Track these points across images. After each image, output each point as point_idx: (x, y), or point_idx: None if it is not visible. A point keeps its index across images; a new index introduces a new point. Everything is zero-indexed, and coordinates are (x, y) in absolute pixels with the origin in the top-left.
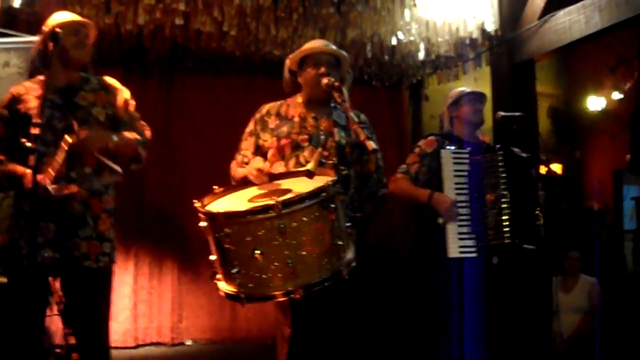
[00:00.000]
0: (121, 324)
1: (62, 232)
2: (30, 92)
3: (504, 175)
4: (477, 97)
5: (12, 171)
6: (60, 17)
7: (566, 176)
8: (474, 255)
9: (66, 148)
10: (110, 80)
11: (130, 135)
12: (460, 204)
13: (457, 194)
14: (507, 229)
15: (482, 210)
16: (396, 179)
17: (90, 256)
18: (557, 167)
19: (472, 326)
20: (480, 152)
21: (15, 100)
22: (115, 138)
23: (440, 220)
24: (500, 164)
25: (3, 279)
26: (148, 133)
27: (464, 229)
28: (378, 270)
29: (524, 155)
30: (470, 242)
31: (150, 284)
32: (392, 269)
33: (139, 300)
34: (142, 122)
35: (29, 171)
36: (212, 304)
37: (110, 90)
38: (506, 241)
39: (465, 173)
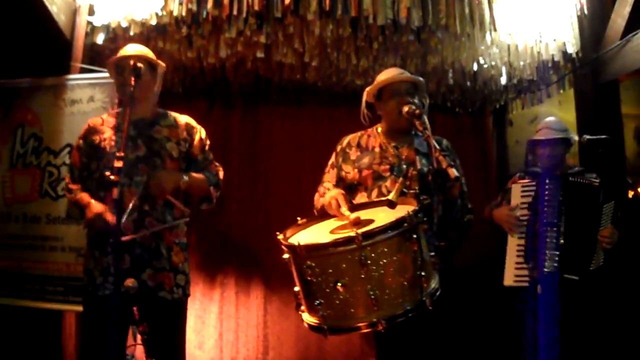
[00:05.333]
0: (207, 352)
1: (137, 263)
2: (106, 124)
3: (555, 205)
4: (549, 143)
5: (79, 200)
6: (122, 52)
7: None
8: (525, 284)
9: (137, 198)
10: (186, 118)
11: (201, 175)
12: (521, 234)
13: (521, 224)
14: (547, 258)
15: (541, 240)
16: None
17: (165, 287)
18: None
19: (548, 350)
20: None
21: (91, 131)
22: (185, 178)
23: None
24: (544, 193)
25: (78, 308)
26: (221, 174)
27: (520, 259)
28: (464, 298)
29: (585, 181)
30: (524, 272)
31: (237, 313)
32: (477, 295)
33: (224, 329)
34: (216, 163)
35: (93, 202)
36: (299, 333)
37: (186, 129)
38: (550, 270)
39: (527, 205)
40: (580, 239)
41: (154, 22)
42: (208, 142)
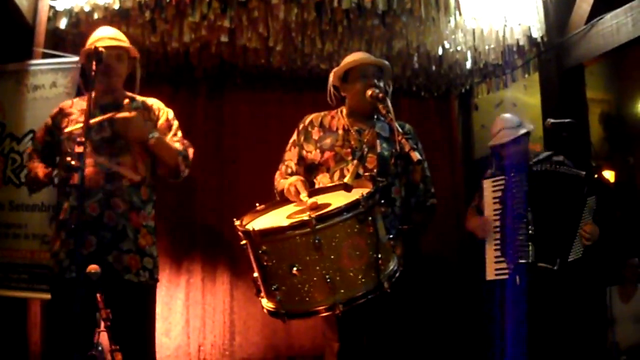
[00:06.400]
0: (174, 339)
1: (103, 245)
2: (75, 107)
3: (521, 195)
4: (513, 143)
5: (31, 167)
6: (94, 36)
7: (619, 183)
8: (505, 277)
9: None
10: (154, 101)
11: (172, 143)
12: (496, 229)
13: (494, 220)
14: (521, 249)
15: (512, 231)
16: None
17: (131, 269)
18: (610, 175)
19: (514, 345)
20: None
21: (61, 112)
22: (155, 134)
23: None
24: (517, 185)
25: (47, 296)
26: (191, 151)
27: (498, 252)
28: (429, 282)
29: (571, 172)
30: (503, 265)
31: (204, 299)
32: (443, 280)
33: (191, 316)
34: (186, 142)
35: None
36: (265, 319)
37: (152, 110)
38: (525, 260)
39: (498, 199)
40: (557, 227)
41: (117, 6)
42: (176, 122)
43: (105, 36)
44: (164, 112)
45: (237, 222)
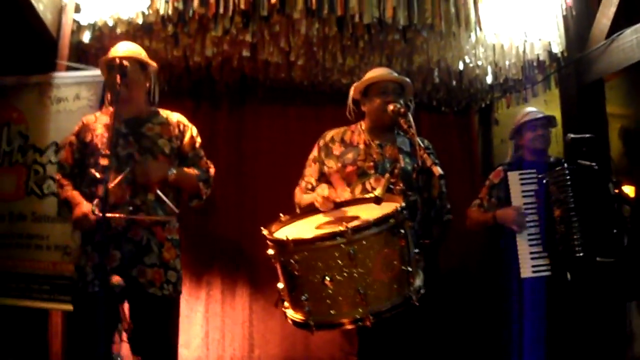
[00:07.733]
0: (193, 351)
1: (127, 260)
2: (99, 122)
3: (570, 188)
4: (538, 123)
5: (70, 198)
6: (113, 51)
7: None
8: (547, 273)
9: (122, 176)
10: (178, 116)
11: (191, 171)
12: (529, 224)
13: (527, 214)
14: (577, 243)
15: (552, 226)
16: (469, 212)
17: (155, 283)
18: (630, 189)
19: (533, 347)
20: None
21: (84, 128)
22: (173, 170)
23: None
24: (565, 177)
25: (68, 307)
26: (212, 171)
27: (535, 248)
28: (451, 298)
29: (594, 165)
30: (542, 261)
31: (223, 311)
32: (465, 296)
33: (210, 328)
34: (207, 160)
35: (84, 202)
36: (284, 331)
37: (178, 126)
38: (577, 255)
39: (533, 193)
40: (600, 221)
41: (140, 20)
42: (199, 139)
43: (124, 49)
44: (189, 129)
45: (265, 232)
